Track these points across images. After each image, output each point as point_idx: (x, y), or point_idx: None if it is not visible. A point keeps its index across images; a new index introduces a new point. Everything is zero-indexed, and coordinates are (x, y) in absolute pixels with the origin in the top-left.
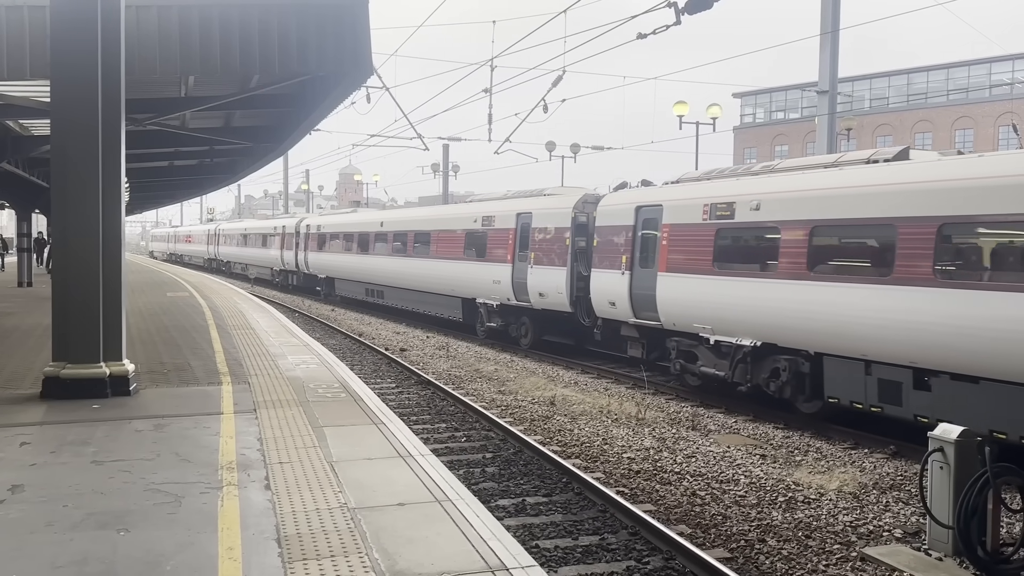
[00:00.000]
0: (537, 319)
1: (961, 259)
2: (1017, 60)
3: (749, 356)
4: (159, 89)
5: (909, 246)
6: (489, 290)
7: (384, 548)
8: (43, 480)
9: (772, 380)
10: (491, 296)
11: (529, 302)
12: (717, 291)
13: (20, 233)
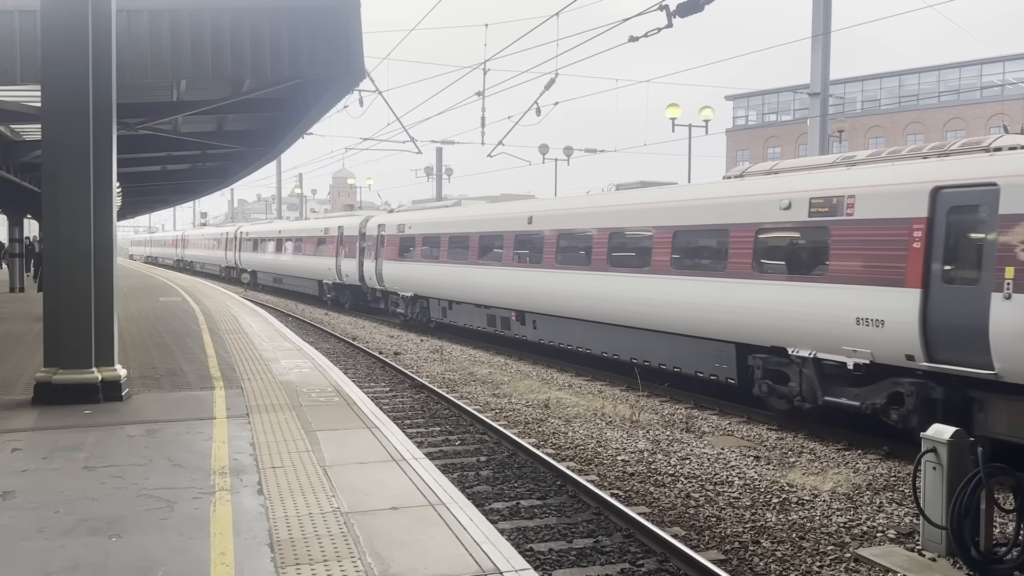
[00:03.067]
0: (347, 290)
1: (771, 257)
2: (1008, 61)
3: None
4: (151, 93)
5: (737, 246)
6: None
7: (377, 552)
8: (34, 486)
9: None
10: (328, 278)
11: (343, 280)
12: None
13: (12, 238)
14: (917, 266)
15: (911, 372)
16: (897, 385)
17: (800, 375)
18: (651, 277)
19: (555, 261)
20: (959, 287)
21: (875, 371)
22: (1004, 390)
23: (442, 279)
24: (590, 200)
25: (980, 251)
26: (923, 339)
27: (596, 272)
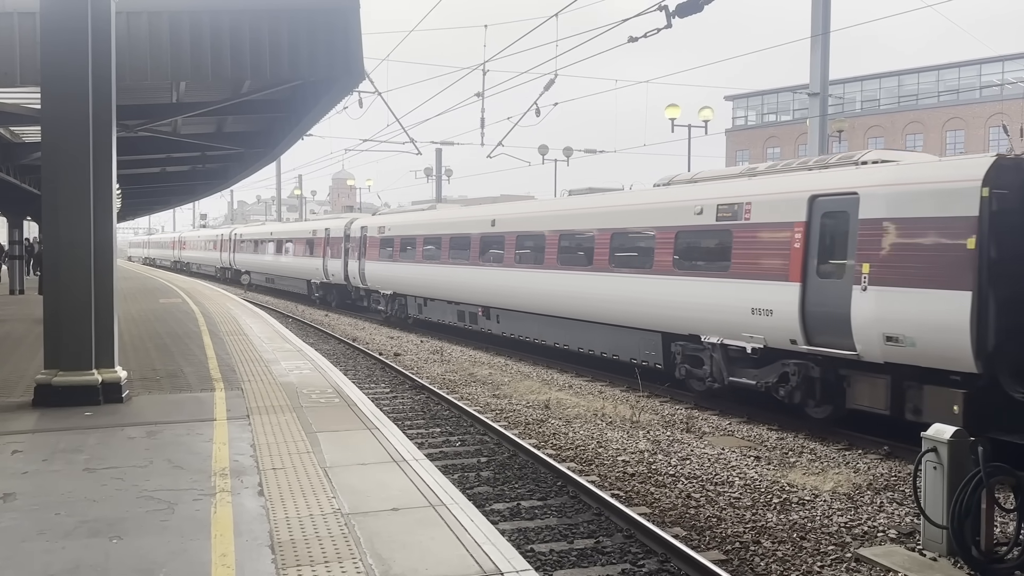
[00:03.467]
0: (334, 289)
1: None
2: (1007, 61)
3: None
4: (150, 95)
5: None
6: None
7: (378, 553)
8: (35, 488)
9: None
10: (312, 278)
11: (329, 280)
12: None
13: (12, 240)
14: (797, 263)
15: (795, 354)
16: (785, 366)
17: (711, 359)
18: (593, 274)
19: (514, 261)
20: (829, 281)
21: (768, 354)
22: (865, 368)
23: (417, 278)
24: (544, 205)
25: (845, 250)
26: (803, 326)
27: (548, 270)
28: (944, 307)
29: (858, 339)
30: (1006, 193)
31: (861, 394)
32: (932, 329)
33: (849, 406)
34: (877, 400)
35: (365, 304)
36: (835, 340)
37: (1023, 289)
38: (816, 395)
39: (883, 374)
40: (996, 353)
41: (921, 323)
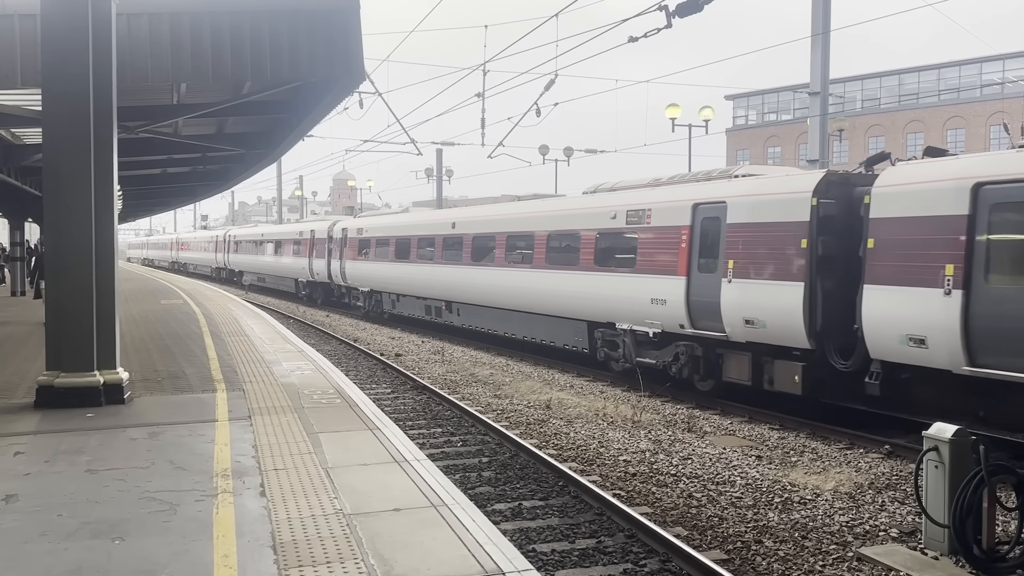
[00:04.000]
0: (319, 287)
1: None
2: (1008, 60)
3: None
4: (151, 96)
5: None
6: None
7: (380, 554)
8: (37, 489)
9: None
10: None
11: (314, 278)
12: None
13: (13, 242)
14: (684, 260)
15: (684, 337)
16: (677, 347)
17: (624, 343)
18: (534, 271)
19: (471, 260)
20: (706, 275)
21: (665, 337)
22: (734, 347)
23: (390, 275)
24: (495, 209)
25: (717, 249)
26: (688, 313)
27: (498, 268)
28: (784, 295)
29: (726, 323)
30: (832, 202)
31: (731, 369)
32: (777, 313)
33: (724, 379)
34: (742, 373)
35: (347, 301)
36: (711, 324)
37: (843, 280)
38: (700, 371)
39: (746, 352)
40: (823, 332)
41: (769, 309)
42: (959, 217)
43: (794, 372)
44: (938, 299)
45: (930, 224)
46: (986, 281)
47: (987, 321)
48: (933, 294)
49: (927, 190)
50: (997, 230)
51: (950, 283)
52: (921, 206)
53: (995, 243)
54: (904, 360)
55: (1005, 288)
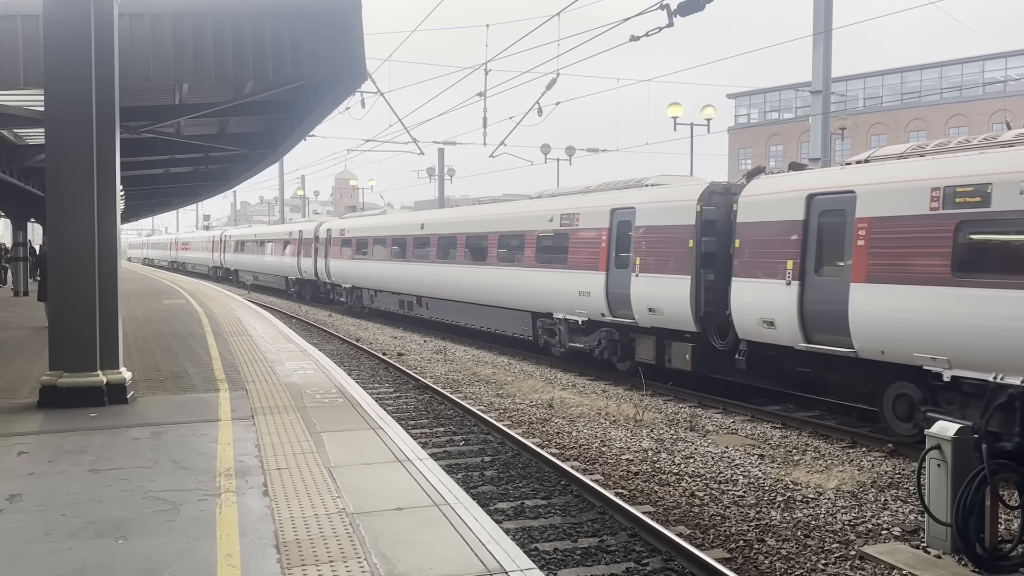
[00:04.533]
0: (307, 284)
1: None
2: (1010, 57)
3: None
4: (153, 97)
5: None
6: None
7: (383, 553)
8: (41, 489)
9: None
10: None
11: (302, 276)
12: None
13: (16, 242)
14: (604, 258)
15: (605, 324)
16: (600, 333)
17: (559, 330)
18: (488, 268)
19: (436, 258)
20: (621, 270)
21: (591, 325)
22: (642, 332)
23: (368, 273)
24: (457, 212)
25: (629, 248)
26: (607, 303)
27: (459, 265)
28: (676, 287)
29: (635, 311)
30: (713, 209)
31: (641, 350)
32: (671, 302)
33: (636, 360)
34: (649, 354)
35: (332, 297)
36: (625, 313)
37: (721, 274)
38: (619, 353)
39: (651, 335)
40: (706, 318)
41: (666, 299)
42: (796, 222)
43: (685, 352)
44: (782, 289)
45: (776, 227)
46: (816, 274)
47: (816, 306)
48: (778, 285)
49: (775, 199)
50: (823, 231)
51: (790, 276)
52: (771, 212)
53: (821, 242)
54: (761, 339)
55: (828, 279)
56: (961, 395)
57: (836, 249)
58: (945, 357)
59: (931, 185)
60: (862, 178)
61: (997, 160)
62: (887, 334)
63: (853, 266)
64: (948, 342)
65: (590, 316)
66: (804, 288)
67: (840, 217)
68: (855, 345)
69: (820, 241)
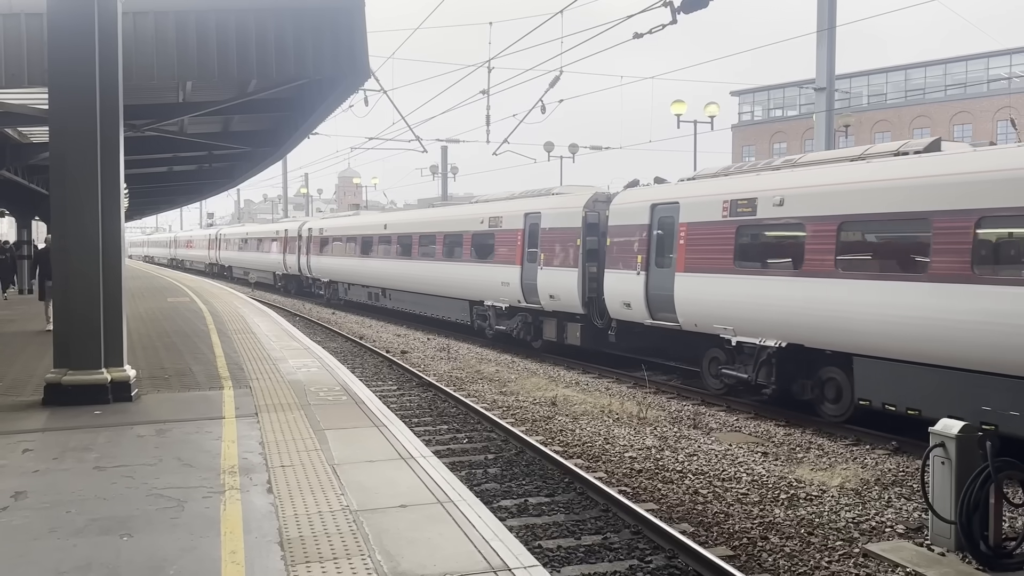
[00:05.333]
0: (292, 279)
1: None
2: (1015, 54)
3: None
4: (157, 95)
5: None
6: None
7: (386, 550)
8: (46, 486)
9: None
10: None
11: (287, 271)
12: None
13: (20, 240)
14: (520, 254)
15: (522, 310)
16: (518, 317)
17: (489, 315)
18: (436, 263)
19: (396, 254)
20: (531, 264)
21: (511, 310)
22: (548, 315)
23: (342, 268)
24: (413, 213)
25: (537, 245)
26: (522, 292)
27: (414, 261)
28: (568, 278)
29: (541, 298)
30: (595, 214)
31: (547, 331)
32: (565, 290)
33: (543, 338)
34: (552, 334)
35: (313, 290)
36: (534, 299)
37: (599, 267)
38: (532, 334)
39: (554, 318)
40: (589, 302)
41: (561, 287)
42: (644, 225)
43: (576, 330)
44: (635, 278)
45: (632, 230)
46: (656, 266)
47: (656, 291)
48: (633, 275)
49: (632, 208)
50: (660, 233)
51: (640, 267)
52: (629, 218)
53: (660, 241)
54: (624, 318)
55: (663, 270)
56: (744, 355)
57: (668, 247)
58: (732, 327)
59: (723, 198)
60: (684, 192)
61: (760, 180)
62: (698, 311)
63: (677, 260)
64: (733, 316)
65: (510, 303)
66: (649, 277)
67: (671, 222)
68: (679, 320)
69: (659, 240)
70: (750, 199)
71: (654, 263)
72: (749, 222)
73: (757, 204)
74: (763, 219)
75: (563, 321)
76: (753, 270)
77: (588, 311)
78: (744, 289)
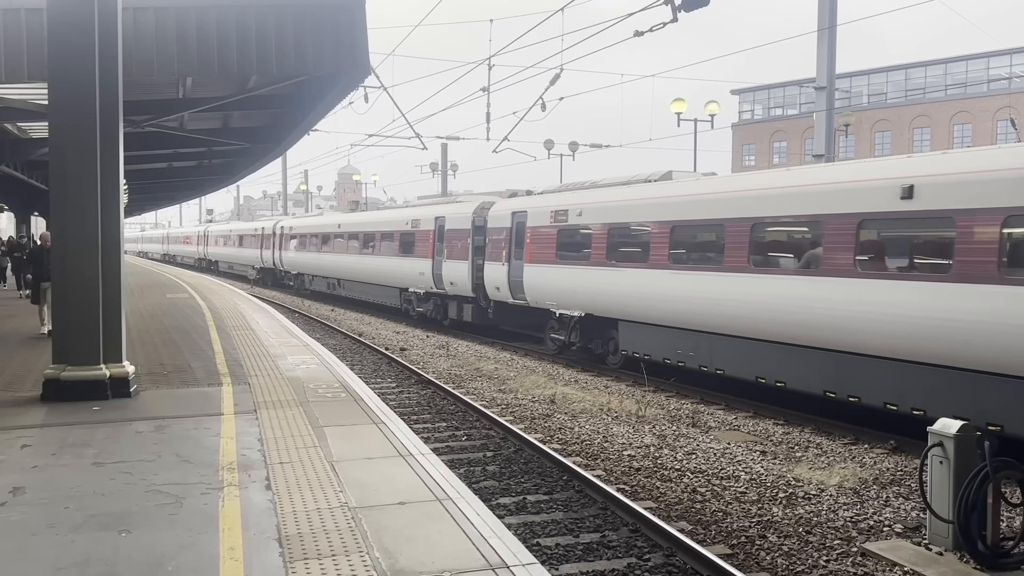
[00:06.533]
0: (269, 272)
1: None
2: (1015, 54)
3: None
4: (157, 91)
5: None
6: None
7: (385, 547)
8: (44, 482)
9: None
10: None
11: (264, 265)
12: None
13: (19, 235)
14: (431, 250)
15: (434, 295)
16: (432, 301)
17: (412, 300)
18: (375, 257)
19: (347, 250)
20: (439, 257)
21: (427, 296)
22: (451, 298)
23: (306, 261)
24: (361, 215)
25: (443, 242)
26: (433, 280)
27: (359, 255)
28: (462, 268)
29: (445, 285)
30: (482, 218)
31: (451, 311)
32: (460, 278)
33: (450, 317)
34: (454, 313)
35: (285, 282)
36: (441, 286)
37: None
38: (442, 314)
39: (455, 301)
40: (476, 287)
41: (457, 276)
42: (506, 228)
43: (468, 310)
44: (501, 268)
45: (500, 231)
46: (515, 259)
47: (514, 278)
48: (500, 265)
49: (501, 214)
50: (517, 234)
51: (504, 260)
52: (499, 222)
53: (517, 240)
54: (497, 299)
55: (518, 262)
56: (564, 323)
57: (521, 244)
58: (555, 303)
59: (550, 208)
60: (531, 204)
61: (572, 197)
62: (538, 292)
63: (525, 254)
64: (556, 295)
65: (426, 289)
66: (510, 268)
67: (523, 226)
68: (528, 299)
69: (516, 240)
70: (564, 210)
71: (513, 257)
72: (564, 227)
73: (568, 214)
74: (571, 225)
75: (461, 303)
76: (566, 262)
77: (476, 294)
78: (561, 275)
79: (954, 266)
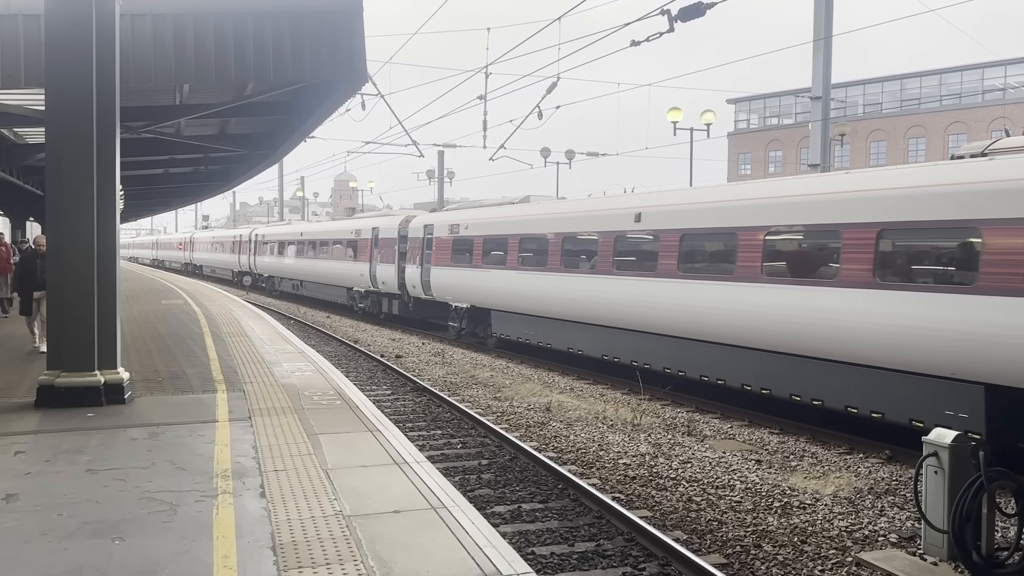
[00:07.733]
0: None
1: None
2: (1010, 65)
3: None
4: (154, 97)
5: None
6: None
7: (379, 556)
8: (38, 489)
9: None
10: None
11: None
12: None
13: (14, 241)
14: (369, 256)
15: (373, 293)
16: (370, 298)
17: (356, 297)
18: (328, 261)
19: (305, 255)
20: (375, 262)
21: (367, 294)
22: (384, 295)
23: (277, 265)
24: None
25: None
26: (371, 281)
27: (314, 259)
28: (390, 270)
29: (379, 284)
30: (406, 229)
31: (384, 306)
32: (389, 279)
33: (383, 311)
34: (386, 308)
35: (260, 284)
36: (376, 285)
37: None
38: (379, 309)
39: (387, 297)
40: (402, 286)
41: (387, 277)
42: (420, 238)
43: (395, 305)
44: (416, 269)
45: (416, 240)
46: (426, 263)
47: (425, 277)
48: (415, 267)
49: (417, 226)
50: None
51: (418, 263)
52: (416, 232)
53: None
54: (415, 295)
55: (427, 265)
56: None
57: (429, 251)
58: (451, 297)
59: (448, 222)
60: (437, 219)
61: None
62: (440, 289)
63: (432, 258)
64: (452, 291)
65: (366, 288)
66: (422, 270)
67: (431, 236)
68: (434, 295)
69: (427, 247)
70: (457, 224)
71: (424, 260)
72: (456, 237)
73: (459, 227)
74: (461, 236)
75: (391, 299)
76: (457, 264)
77: (401, 292)
78: (455, 275)
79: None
